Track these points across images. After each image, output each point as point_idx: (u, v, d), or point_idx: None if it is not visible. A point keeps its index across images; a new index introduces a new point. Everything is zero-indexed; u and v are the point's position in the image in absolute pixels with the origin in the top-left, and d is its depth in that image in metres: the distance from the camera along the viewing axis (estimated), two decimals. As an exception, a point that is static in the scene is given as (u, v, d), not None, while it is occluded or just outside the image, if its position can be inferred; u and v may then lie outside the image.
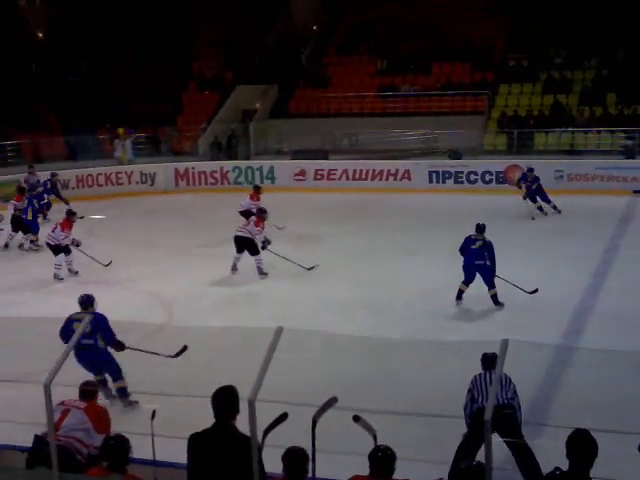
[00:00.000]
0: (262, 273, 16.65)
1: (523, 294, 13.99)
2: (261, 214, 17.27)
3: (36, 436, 6.74)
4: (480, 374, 7.97)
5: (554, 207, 21.96)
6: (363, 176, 27.59)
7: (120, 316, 11.27)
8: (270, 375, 5.60)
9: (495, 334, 8.43)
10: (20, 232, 20.08)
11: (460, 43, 33.25)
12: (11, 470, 7.09)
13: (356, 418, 6.20)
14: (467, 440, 7.52)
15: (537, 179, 22.06)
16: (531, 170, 22.33)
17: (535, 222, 21.03)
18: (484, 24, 33.50)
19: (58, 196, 23.82)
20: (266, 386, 5.52)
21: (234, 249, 16.84)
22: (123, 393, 9.65)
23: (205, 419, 5.87)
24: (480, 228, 14.22)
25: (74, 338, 6.28)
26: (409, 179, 26.71)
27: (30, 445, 6.82)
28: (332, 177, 27.97)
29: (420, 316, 13.44)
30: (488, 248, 13.97)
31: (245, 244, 16.81)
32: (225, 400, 5.90)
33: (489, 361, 7.93)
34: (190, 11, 35.40)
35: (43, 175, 24.76)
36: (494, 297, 13.92)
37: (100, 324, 9.75)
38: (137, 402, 9.42)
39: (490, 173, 26.08)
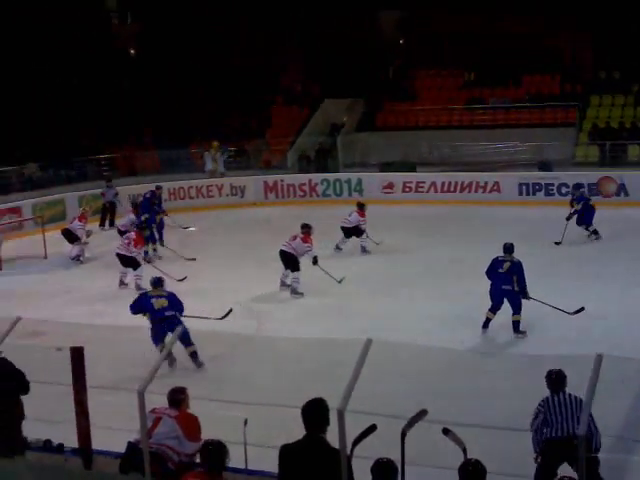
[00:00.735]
0: (296, 293, 16.40)
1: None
2: (307, 229, 17.04)
3: (129, 443, 6.88)
4: (549, 398, 7.61)
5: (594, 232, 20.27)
6: (452, 188, 27.39)
7: (209, 326, 11.46)
8: (359, 386, 5.63)
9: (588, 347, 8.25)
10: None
11: (550, 55, 32.81)
12: (105, 476, 7.26)
13: (446, 431, 6.17)
14: (542, 470, 7.34)
15: (583, 198, 20.52)
16: (578, 187, 21.14)
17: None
18: (574, 36, 32.96)
19: (159, 208, 24.14)
20: (355, 397, 5.55)
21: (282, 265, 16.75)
22: (195, 356, 11.55)
23: (295, 430, 5.92)
24: (508, 248, 13.47)
25: (167, 348, 6.42)
26: (498, 191, 26.41)
27: (123, 451, 6.96)
28: (420, 189, 27.84)
29: (509, 329, 13.23)
30: (517, 269, 13.12)
31: (287, 259, 16.71)
32: (315, 413, 5.93)
33: (559, 382, 7.65)
34: (279, 26, 35.72)
35: (130, 189, 25.32)
36: (516, 323, 13.07)
37: (174, 299, 12.28)
38: (203, 364, 11.39)
39: (582, 185, 25.56)
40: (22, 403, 7.79)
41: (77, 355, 7.40)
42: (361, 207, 20.30)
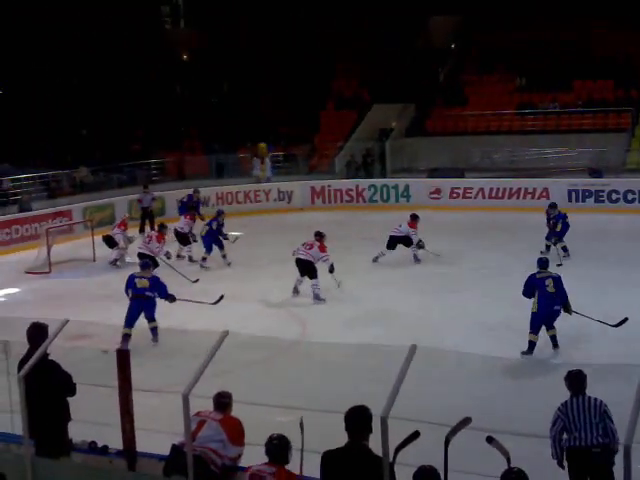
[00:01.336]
0: (319, 299, 16.44)
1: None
2: (321, 237, 17.05)
3: (173, 445, 6.90)
4: (569, 401, 7.36)
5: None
6: (500, 194, 27.20)
7: (254, 330, 11.49)
8: (403, 393, 5.60)
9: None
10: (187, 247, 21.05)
11: (602, 59, 32.41)
12: (149, 478, 7.30)
13: (489, 439, 6.10)
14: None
15: (561, 216, 19.66)
16: (554, 206, 20.20)
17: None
18: (628, 40, 32.50)
19: (197, 213, 24.32)
20: (399, 404, 5.52)
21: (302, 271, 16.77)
22: (155, 332, 13.46)
23: (338, 436, 5.90)
24: (544, 263, 12.90)
25: (206, 361, 6.45)
26: (547, 197, 26.12)
27: (167, 454, 7.00)
28: (468, 195, 27.70)
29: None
30: (558, 284, 12.47)
31: (305, 267, 16.73)
32: (358, 420, 5.92)
33: (579, 383, 7.40)
34: (330, 31, 35.77)
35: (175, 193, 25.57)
36: (554, 338, 12.54)
37: (156, 282, 13.83)
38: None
39: (633, 192, 25.22)
40: (68, 405, 7.86)
41: (123, 357, 7.44)
42: (414, 218, 19.96)
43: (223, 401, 7.15)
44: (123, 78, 34.62)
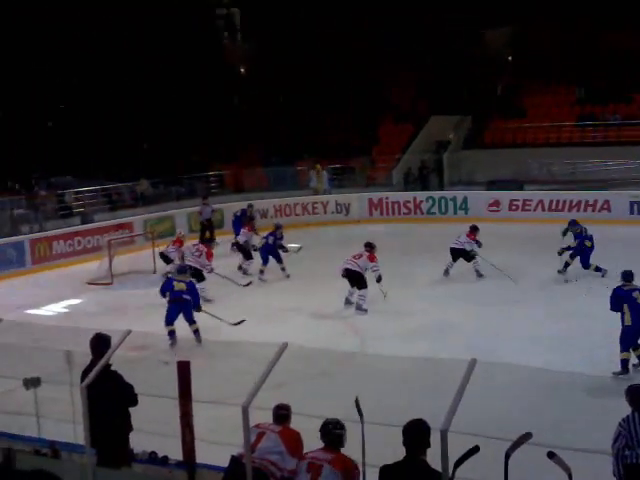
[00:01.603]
0: (361, 309, 16.50)
1: None
2: (371, 249, 17.07)
3: (233, 457, 6.95)
4: (630, 416, 7.11)
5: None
6: (560, 207, 26.90)
7: (312, 342, 11.51)
8: (462, 407, 5.57)
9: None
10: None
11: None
12: (208, 489, 7.37)
13: (551, 454, 6.02)
14: None
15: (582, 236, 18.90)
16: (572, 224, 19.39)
17: None
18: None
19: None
20: (458, 418, 5.49)
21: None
22: (198, 334, 14.33)
23: (396, 449, 5.90)
24: (630, 275, 12.29)
25: (265, 373, 6.50)
26: (608, 210, 25.80)
27: (226, 465, 7.04)
28: (527, 208, 27.45)
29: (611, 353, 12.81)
30: None
31: (354, 277, 16.72)
32: (416, 434, 5.92)
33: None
34: (388, 43, 35.77)
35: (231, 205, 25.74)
36: None
37: (193, 288, 14.90)
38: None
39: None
40: (130, 415, 7.97)
41: (183, 369, 7.53)
42: (473, 230, 19.77)
43: (282, 413, 7.18)
44: (183, 93, 35.04)
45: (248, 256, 21.17)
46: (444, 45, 35.14)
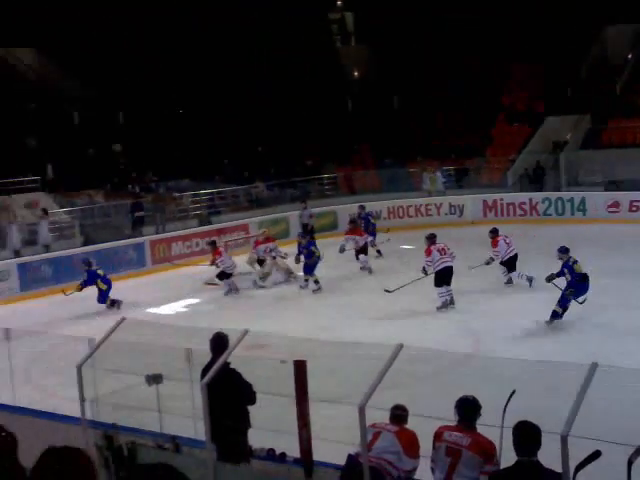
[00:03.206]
0: (446, 306, 16.83)
1: None
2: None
3: (349, 455, 7.00)
4: None
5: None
6: (683, 208, 26.06)
7: (427, 343, 11.47)
8: (582, 411, 5.48)
9: None
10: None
11: None
12: (326, 487, 7.44)
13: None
14: None
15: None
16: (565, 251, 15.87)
17: None
18: None
19: (366, 227, 24.40)
20: (578, 422, 5.41)
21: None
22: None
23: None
24: None
25: (381, 373, 6.53)
26: None
27: (343, 464, 7.10)
28: (649, 209, 26.68)
29: None
30: None
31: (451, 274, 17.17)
32: (529, 435, 5.86)
33: None
34: (503, 44, 35.29)
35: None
36: None
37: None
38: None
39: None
40: (248, 413, 8.12)
41: (300, 368, 7.63)
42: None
43: (399, 413, 7.21)
44: (297, 96, 35.41)
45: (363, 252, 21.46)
46: (562, 44, 34.39)
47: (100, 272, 19.38)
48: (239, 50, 35.96)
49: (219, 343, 8.23)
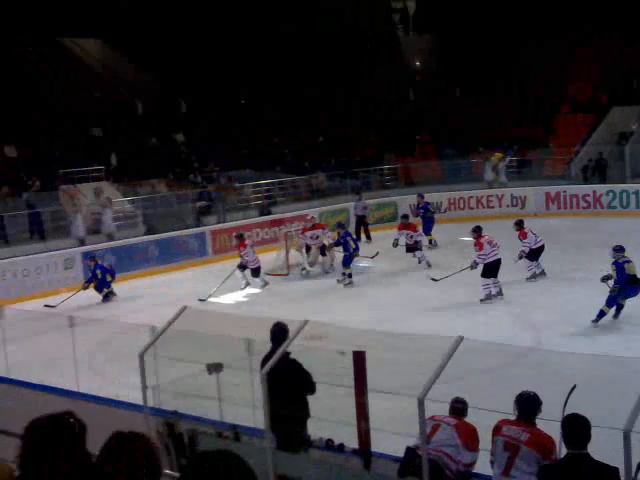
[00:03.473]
0: (489, 298, 16.92)
1: None
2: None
3: (408, 448, 7.00)
4: None
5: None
6: None
7: (487, 336, 11.39)
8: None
9: None
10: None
11: None
12: (383, 478, 7.45)
13: None
14: None
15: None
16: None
17: None
18: None
19: (424, 216, 24.39)
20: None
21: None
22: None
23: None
24: None
25: (441, 365, 6.51)
26: None
27: (401, 455, 7.10)
28: None
29: None
30: None
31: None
32: (579, 428, 5.81)
33: None
34: (568, 33, 34.75)
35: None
36: None
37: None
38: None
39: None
40: (308, 402, 8.16)
41: (359, 359, 7.64)
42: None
43: (458, 406, 7.19)
44: (359, 86, 35.36)
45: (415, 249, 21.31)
46: (624, 33, 33.76)
47: (106, 265, 19.92)
48: (302, 40, 36.00)
49: (279, 333, 8.28)
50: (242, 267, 19.88)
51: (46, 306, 18.17)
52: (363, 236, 25.39)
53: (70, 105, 28.51)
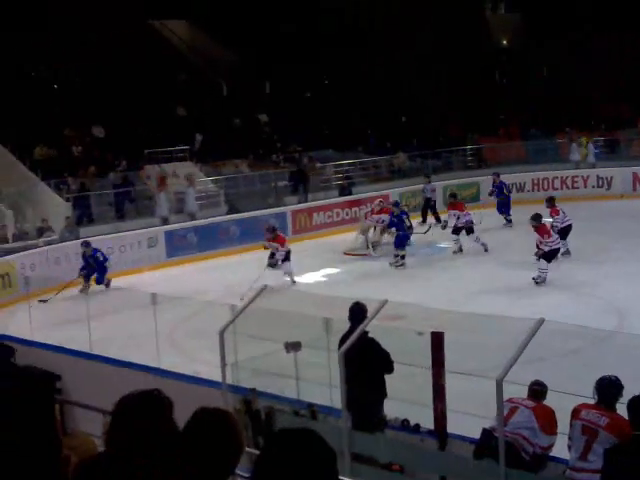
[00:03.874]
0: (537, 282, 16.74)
1: None
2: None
3: (484, 429, 6.97)
4: None
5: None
6: None
7: (568, 319, 11.22)
8: None
9: None
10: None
11: None
12: (459, 459, 7.43)
13: None
14: None
15: None
16: None
17: None
18: None
19: (500, 195, 24.16)
20: None
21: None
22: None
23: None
24: None
25: (521, 347, 6.45)
26: None
27: (478, 437, 7.06)
28: None
29: None
30: None
31: None
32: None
33: None
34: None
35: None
36: None
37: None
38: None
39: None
40: (385, 382, 8.17)
41: (437, 340, 7.62)
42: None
43: (537, 389, 7.11)
44: (443, 65, 34.96)
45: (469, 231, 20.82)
46: None
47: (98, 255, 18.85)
48: (384, 19, 35.73)
49: (358, 312, 8.30)
50: (272, 265, 18.97)
51: (40, 301, 17.06)
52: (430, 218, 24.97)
53: (156, 85, 28.90)
